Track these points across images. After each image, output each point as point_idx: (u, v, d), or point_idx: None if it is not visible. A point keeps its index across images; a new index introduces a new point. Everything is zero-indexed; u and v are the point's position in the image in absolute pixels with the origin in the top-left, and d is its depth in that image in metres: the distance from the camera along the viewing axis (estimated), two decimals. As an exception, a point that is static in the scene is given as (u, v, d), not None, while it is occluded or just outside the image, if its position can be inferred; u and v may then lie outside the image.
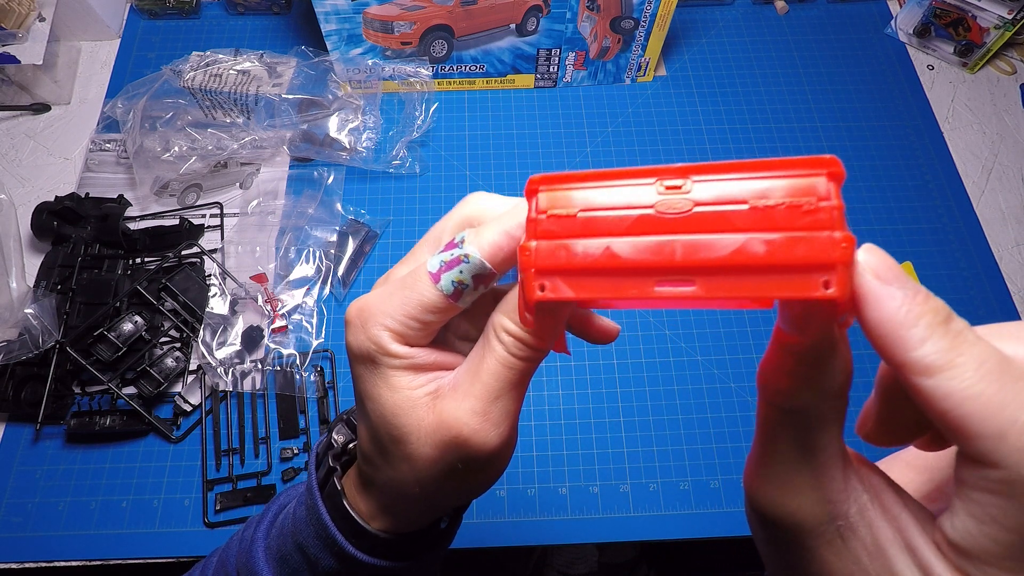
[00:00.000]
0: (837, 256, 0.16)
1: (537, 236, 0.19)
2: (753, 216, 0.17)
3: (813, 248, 0.16)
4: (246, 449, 0.59)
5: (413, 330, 0.23)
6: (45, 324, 0.58)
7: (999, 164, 0.77)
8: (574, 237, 0.19)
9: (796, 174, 0.17)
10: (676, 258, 0.17)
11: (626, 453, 0.60)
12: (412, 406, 0.24)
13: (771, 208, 0.17)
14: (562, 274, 0.19)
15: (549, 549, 0.90)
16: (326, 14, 0.68)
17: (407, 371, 0.24)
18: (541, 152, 0.76)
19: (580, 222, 0.19)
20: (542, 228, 0.19)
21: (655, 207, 0.18)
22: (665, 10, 0.71)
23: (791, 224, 0.16)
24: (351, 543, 0.28)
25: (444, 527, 0.31)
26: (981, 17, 0.78)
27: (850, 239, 0.16)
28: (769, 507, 0.19)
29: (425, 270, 0.23)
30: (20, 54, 0.71)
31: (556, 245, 0.19)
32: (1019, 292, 0.69)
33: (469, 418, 0.23)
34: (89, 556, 0.55)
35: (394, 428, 0.24)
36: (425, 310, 0.23)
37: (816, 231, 0.16)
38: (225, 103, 0.70)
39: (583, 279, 0.19)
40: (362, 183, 0.73)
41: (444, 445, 0.23)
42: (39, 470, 0.58)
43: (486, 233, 0.22)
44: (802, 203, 0.16)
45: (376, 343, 0.23)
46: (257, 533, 0.31)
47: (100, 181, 0.72)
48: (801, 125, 0.79)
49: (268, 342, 0.62)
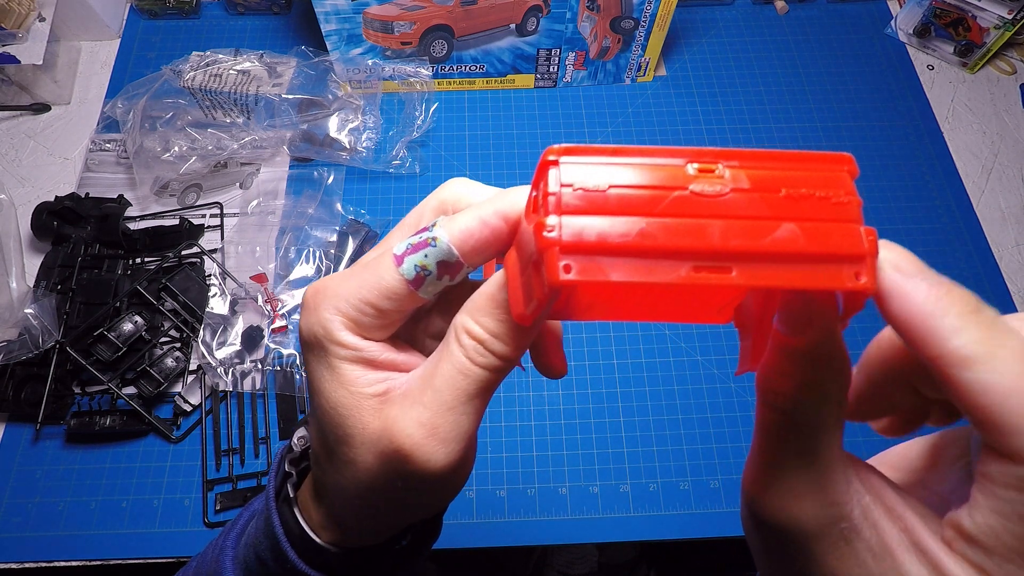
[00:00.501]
0: (867, 248, 0.16)
1: (561, 211, 0.17)
2: (787, 204, 0.17)
3: (846, 239, 0.16)
4: (246, 449, 0.59)
5: (368, 317, 0.21)
6: (45, 324, 0.58)
7: (999, 164, 0.77)
8: (604, 214, 0.17)
9: (823, 167, 0.17)
10: (715, 241, 0.16)
11: (626, 453, 0.60)
12: (357, 405, 0.21)
13: (804, 198, 0.17)
14: (591, 254, 0.17)
15: (549, 549, 0.90)
16: (326, 14, 0.68)
17: (357, 364, 0.21)
18: (541, 152, 0.76)
19: (611, 199, 0.17)
20: (567, 203, 0.17)
21: (691, 189, 0.17)
22: (665, 10, 0.71)
23: (823, 215, 0.17)
24: (302, 558, 0.25)
25: (405, 544, 0.28)
26: (981, 17, 0.78)
27: (873, 232, 0.16)
28: (771, 512, 0.19)
29: (390, 252, 0.21)
30: (20, 54, 0.71)
31: (585, 222, 0.17)
32: (1019, 292, 0.69)
33: (413, 429, 0.20)
34: (89, 556, 0.55)
35: (338, 427, 0.22)
36: (382, 295, 0.20)
37: (846, 223, 0.16)
38: (225, 103, 0.70)
39: (615, 261, 0.17)
40: (362, 183, 0.73)
41: (384, 456, 0.21)
42: (39, 470, 0.58)
43: (460, 218, 0.20)
44: (830, 195, 0.17)
45: (325, 328, 0.21)
46: (227, 541, 0.30)
47: (100, 181, 0.72)
48: (801, 125, 0.79)
49: (268, 342, 0.62)
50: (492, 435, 0.61)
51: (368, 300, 0.21)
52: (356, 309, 0.21)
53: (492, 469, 0.60)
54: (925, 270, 0.16)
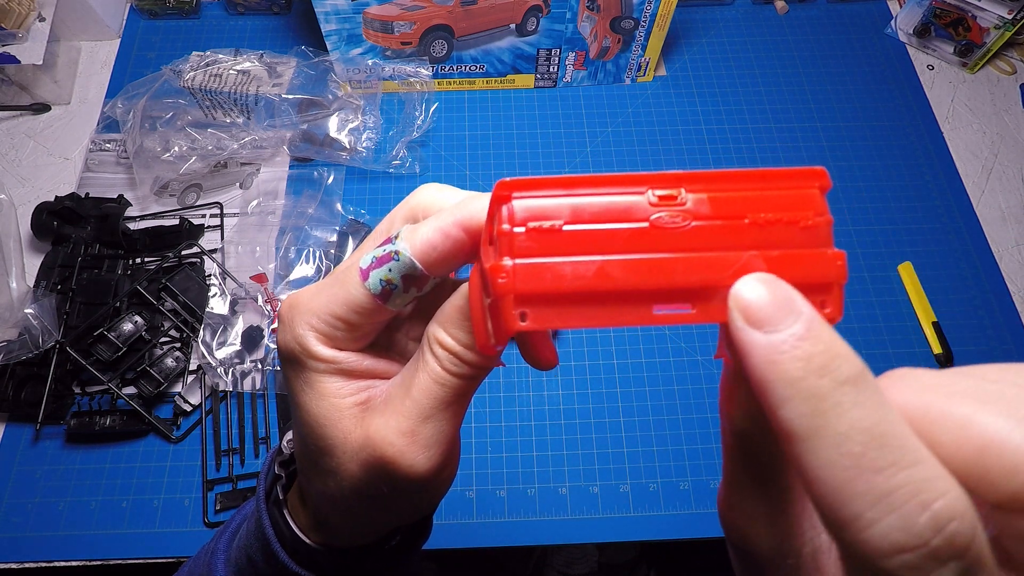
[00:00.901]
0: (833, 276, 0.15)
1: (514, 254, 0.16)
2: (752, 232, 0.16)
3: (812, 267, 0.15)
4: (246, 449, 0.59)
5: (340, 331, 0.21)
6: (45, 324, 0.58)
7: (999, 164, 0.77)
8: (559, 255, 0.16)
9: (791, 186, 0.16)
10: (676, 279, 0.16)
11: (626, 453, 0.60)
12: (339, 416, 0.21)
13: (770, 223, 0.16)
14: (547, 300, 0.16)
15: (549, 549, 0.90)
16: (326, 14, 0.68)
17: (334, 376, 0.22)
18: (541, 152, 0.76)
19: (566, 237, 0.16)
20: (520, 244, 0.16)
21: (650, 221, 0.16)
22: (665, 10, 0.71)
23: (789, 240, 0.16)
24: (293, 558, 0.26)
25: (394, 544, 0.28)
26: (981, 17, 0.78)
27: (842, 255, 0.15)
28: (730, 532, 0.18)
29: (357, 266, 0.20)
30: (20, 54, 0.71)
31: (539, 265, 0.16)
32: (1019, 292, 0.69)
33: (395, 438, 0.20)
34: (89, 556, 0.55)
35: (320, 439, 0.22)
36: (351, 310, 0.20)
37: (813, 248, 0.15)
38: (225, 103, 0.70)
39: (572, 305, 0.16)
40: (362, 183, 0.73)
41: (368, 464, 0.21)
42: (39, 470, 0.58)
43: (421, 230, 0.20)
44: (799, 218, 0.16)
45: (300, 344, 0.21)
46: (219, 544, 0.30)
47: (100, 181, 0.72)
48: (801, 125, 0.79)
49: (268, 342, 0.62)
50: (492, 435, 0.61)
51: (338, 315, 0.21)
52: (327, 324, 0.21)
53: (492, 469, 0.60)
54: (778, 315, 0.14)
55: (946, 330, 0.66)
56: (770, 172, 0.16)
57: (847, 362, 0.13)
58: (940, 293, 0.68)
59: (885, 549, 0.12)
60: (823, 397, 0.13)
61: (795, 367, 0.13)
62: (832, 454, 0.13)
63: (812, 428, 0.13)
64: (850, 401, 0.13)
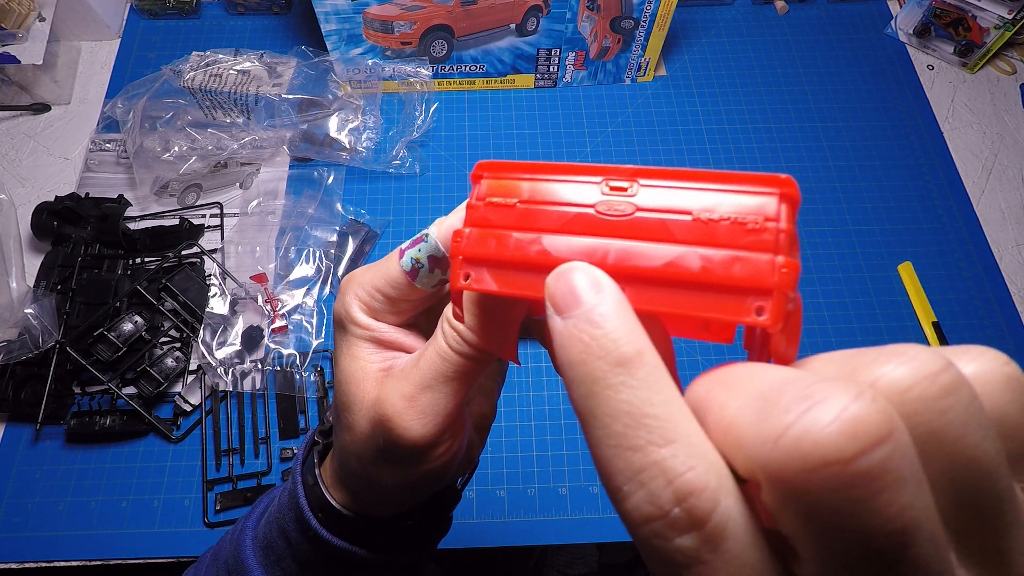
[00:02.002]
0: (774, 282, 0.15)
1: (472, 223, 0.18)
2: (695, 228, 0.16)
3: (751, 270, 0.15)
4: (246, 449, 0.59)
5: (379, 303, 0.24)
6: (45, 324, 0.58)
7: (999, 164, 0.77)
8: (509, 229, 0.18)
9: (747, 190, 0.16)
10: (608, 263, 0.16)
11: (626, 453, 0.60)
12: (364, 377, 0.24)
13: (715, 222, 0.16)
14: (489, 265, 0.18)
15: (549, 549, 0.90)
16: (326, 14, 0.68)
17: (368, 343, 0.24)
18: (541, 152, 0.76)
19: (518, 213, 0.18)
20: (478, 215, 0.18)
21: (596, 207, 0.17)
22: (665, 10, 0.71)
23: (733, 242, 0.15)
24: (317, 517, 0.28)
25: (411, 523, 0.30)
26: (981, 17, 0.78)
27: (793, 266, 0.15)
28: None
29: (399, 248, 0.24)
30: (20, 54, 0.71)
31: (488, 234, 0.18)
32: (1019, 292, 0.69)
33: (396, 399, 0.23)
34: (89, 556, 0.55)
35: (346, 395, 0.24)
36: (388, 284, 0.23)
37: (757, 252, 0.15)
38: (225, 103, 0.70)
39: (510, 273, 0.18)
40: (362, 183, 0.73)
41: (374, 422, 0.23)
42: (39, 470, 0.58)
43: (450, 217, 0.22)
44: (747, 221, 0.15)
45: (346, 309, 0.24)
46: (247, 522, 0.31)
47: (100, 181, 0.72)
48: (801, 125, 0.79)
49: (268, 342, 0.62)
50: (492, 435, 0.61)
51: (378, 287, 0.24)
52: (369, 295, 0.24)
53: (492, 469, 0.60)
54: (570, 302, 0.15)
55: (946, 330, 0.66)
56: (733, 175, 0.16)
57: (626, 344, 0.14)
58: (940, 293, 0.68)
59: (636, 519, 0.13)
60: (596, 379, 0.14)
61: (577, 349, 0.14)
62: (600, 433, 0.14)
63: (588, 408, 0.14)
64: (620, 383, 0.14)
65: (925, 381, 0.12)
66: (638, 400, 0.13)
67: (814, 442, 0.11)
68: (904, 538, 0.11)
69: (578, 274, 0.15)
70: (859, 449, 0.11)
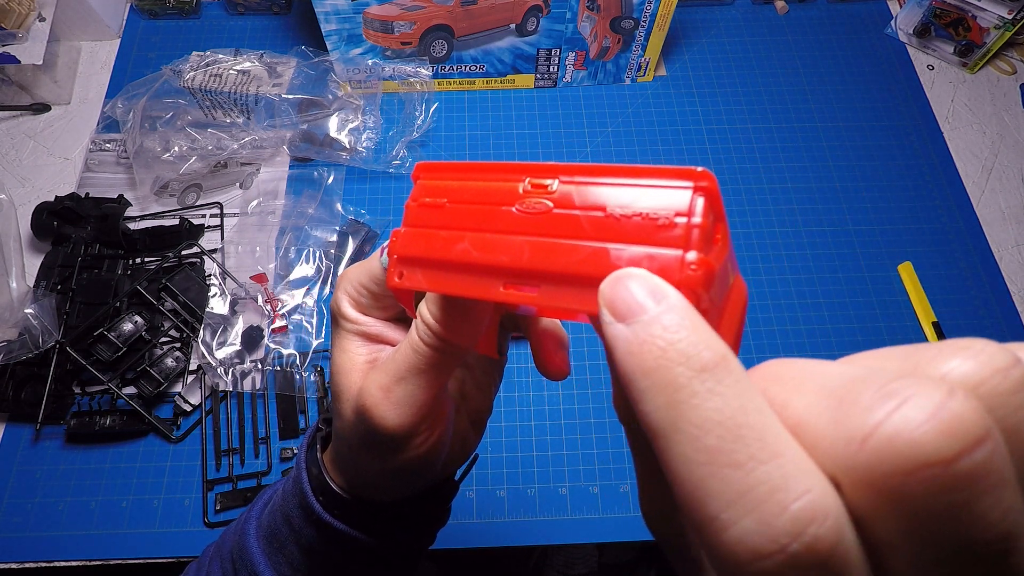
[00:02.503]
0: (678, 279, 0.14)
1: (407, 223, 0.19)
2: (607, 225, 0.16)
3: (655, 267, 0.15)
4: (246, 449, 0.59)
5: (365, 298, 0.25)
6: (45, 324, 0.58)
7: (999, 164, 0.77)
8: (438, 228, 0.18)
9: (663, 185, 0.15)
10: (523, 260, 0.16)
11: (626, 453, 0.60)
12: (352, 368, 0.25)
13: (626, 218, 0.15)
14: (421, 264, 0.19)
15: (549, 549, 0.90)
16: (326, 14, 0.68)
17: (357, 336, 0.26)
18: (541, 152, 0.76)
19: (446, 213, 0.18)
20: (412, 215, 0.19)
21: (515, 205, 0.17)
22: (665, 10, 0.71)
23: (643, 238, 0.15)
24: (318, 500, 0.29)
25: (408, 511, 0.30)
26: (981, 17, 0.78)
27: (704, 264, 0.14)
28: (650, 529, 0.18)
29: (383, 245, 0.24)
30: (20, 54, 0.71)
31: (418, 233, 0.19)
32: (1019, 292, 0.69)
33: (374, 390, 0.24)
34: (89, 556, 0.55)
35: (336, 385, 0.26)
36: (371, 280, 0.25)
37: (666, 248, 0.15)
38: (225, 103, 0.70)
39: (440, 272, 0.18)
40: (362, 183, 0.73)
41: (356, 411, 0.25)
42: (39, 470, 0.58)
43: None
44: (658, 217, 0.15)
45: (337, 305, 0.26)
46: (251, 512, 0.32)
47: (100, 181, 0.72)
48: (801, 125, 0.79)
49: (268, 342, 0.62)
50: (492, 435, 0.61)
51: (363, 284, 0.25)
52: (357, 291, 0.25)
53: (492, 469, 0.60)
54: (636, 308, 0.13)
55: (946, 330, 0.66)
56: (652, 170, 0.16)
57: (707, 349, 0.13)
58: (940, 293, 0.68)
59: (742, 556, 0.11)
60: (679, 387, 0.12)
61: (651, 356, 0.13)
62: (688, 449, 0.12)
63: (669, 421, 0.12)
64: (707, 390, 0.12)
65: (997, 376, 0.11)
66: (730, 409, 0.12)
67: (910, 442, 0.10)
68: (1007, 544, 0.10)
69: (638, 280, 0.14)
70: (960, 449, 0.10)
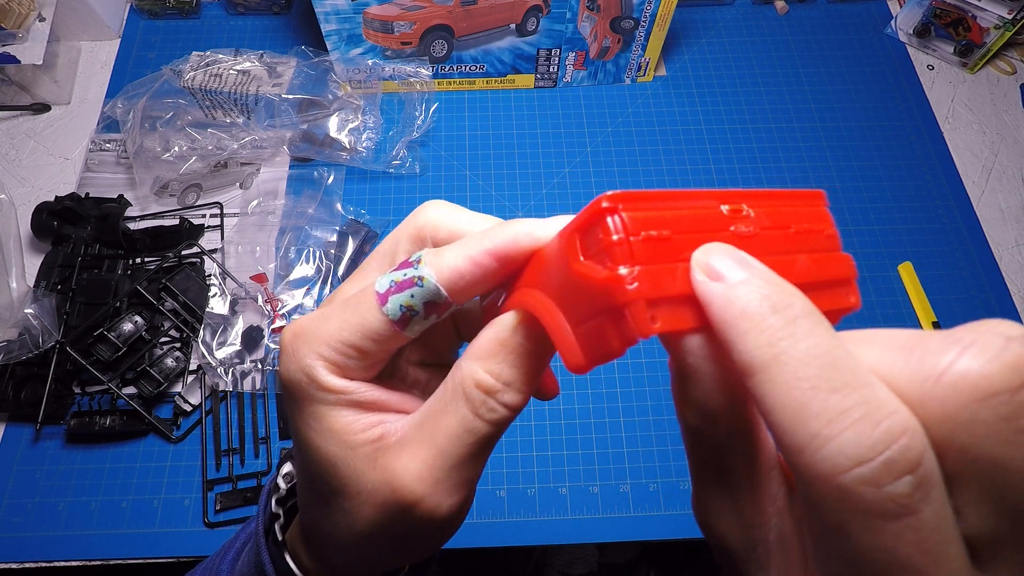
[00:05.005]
0: (853, 272, 0.18)
1: (635, 261, 0.17)
2: (797, 239, 0.18)
3: (840, 266, 0.18)
4: (246, 449, 0.59)
5: (352, 360, 0.20)
6: (45, 324, 0.58)
7: (999, 164, 0.77)
8: (670, 261, 0.17)
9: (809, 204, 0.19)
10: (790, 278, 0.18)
11: (626, 453, 0.60)
12: (351, 455, 0.20)
13: (805, 232, 0.18)
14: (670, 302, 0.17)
15: (549, 549, 0.90)
16: (326, 14, 0.68)
17: (345, 408, 0.20)
18: (541, 152, 0.76)
19: (673, 245, 0.17)
20: (637, 251, 0.17)
21: (731, 231, 0.18)
22: (665, 10, 0.71)
23: (821, 246, 0.19)
24: None
25: None
26: (981, 17, 0.78)
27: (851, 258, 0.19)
28: (704, 529, 0.18)
29: (372, 290, 0.19)
30: (20, 54, 0.71)
31: (660, 269, 0.17)
32: (1019, 292, 0.69)
33: (416, 485, 0.19)
34: (89, 556, 0.55)
35: (331, 479, 0.20)
36: (366, 337, 0.19)
37: (835, 252, 0.19)
38: (225, 103, 0.70)
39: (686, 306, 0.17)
40: (362, 183, 0.73)
41: (386, 507, 0.20)
42: (39, 470, 0.58)
43: (448, 256, 0.19)
44: (822, 228, 0.19)
45: (308, 375, 0.20)
46: (223, 564, 0.28)
47: (100, 181, 0.72)
48: (801, 125, 0.79)
49: (268, 342, 0.62)
50: (492, 435, 0.61)
51: (351, 342, 0.19)
52: (339, 352, 0.19)
53: (492, 469, 0.59)
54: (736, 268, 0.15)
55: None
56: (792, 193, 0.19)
57: (800, 300, 0.14)
58: (940, 293, 0.68)
59: (842, 463, 0.12)
60: (779, 327, 0.14)
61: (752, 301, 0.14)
62: (790, 376, 0.13)
63: (770, 355, 0.14)
64: (804, 331, 0.14)
65: None
66: (827, 345, 0.13)
67: (981, 375, 0.12)
68: None
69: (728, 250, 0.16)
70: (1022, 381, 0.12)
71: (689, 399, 0.17)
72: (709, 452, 0.17)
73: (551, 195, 0.73)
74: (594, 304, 0.17)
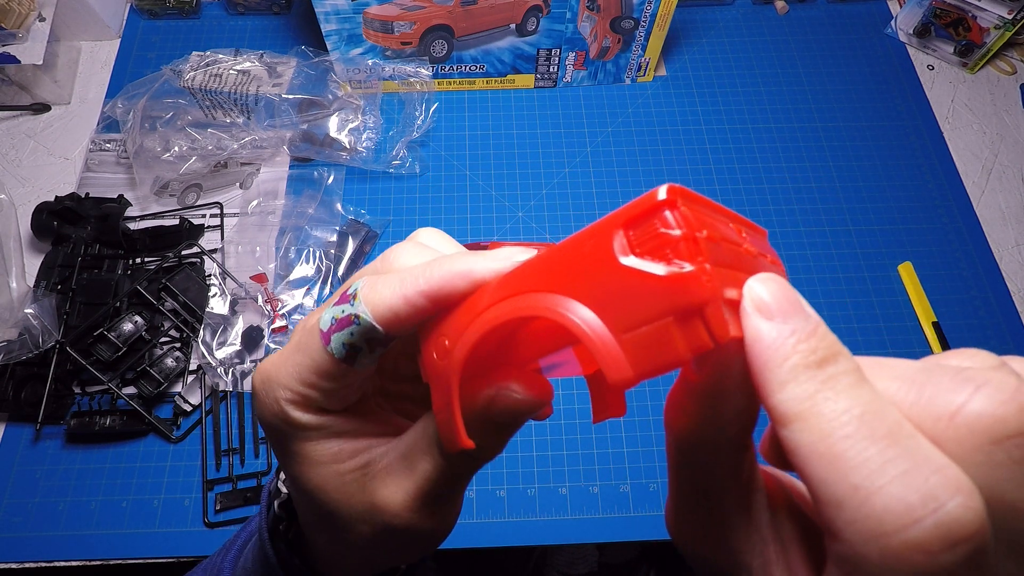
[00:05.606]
0: None
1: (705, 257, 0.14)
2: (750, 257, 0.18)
3: None
4: (246, 449, 0.59)
5: (320, 394, 0.20)
6: (45, 324, 0.58)
7: (999, 164, 0.77)
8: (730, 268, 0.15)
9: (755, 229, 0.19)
10: None
11: (626, 453, 0.60)
12: (340, 483, 0.21)
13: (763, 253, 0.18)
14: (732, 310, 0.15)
15: (549, 549, 0.90)
16: (326, 14, 0.68)
17: (328, 440, 0.21)
18: (541, 152, 0.76)
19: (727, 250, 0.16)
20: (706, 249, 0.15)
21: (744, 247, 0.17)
22: (665, 10, 0.71)
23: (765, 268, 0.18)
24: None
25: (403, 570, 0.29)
26: (981, 17, 0.78)
27: None
28: (684, 550, 0.18)
29: (317, 328, 0.19)
30: (20, 54, 0.71)
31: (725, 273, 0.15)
32: (1019, 292, 0.69)
33: (404, 512, 0.20)
34: (89, 556, 0.55)
35: (324, 504, 0.21)
36: (320, 376, 0.19)
37: None
38: (225, 103, 0.70)
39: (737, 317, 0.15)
40: (362, 183, 0.73)
41: (376, 528, 0.21)
42: (39, 470, 0.58)
43: (384, 292, 0.18)
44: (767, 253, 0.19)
45: (281, 416, 0.20)
46: (224, 562, 0.29)
47: (100, 181, 0.72)
48: (801, 125, 0.79)
49: (268, 342, 0.62)
50: (492, 435, 0.61)
51: (309, 382, 0.20)
52: (301, 393, 0.20)
53: (492, 469, 0.59)
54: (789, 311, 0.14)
55: (946, 330, 0.66)
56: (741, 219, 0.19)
57: (846, 359, 0.14)
58: (940, 293, 0.68)
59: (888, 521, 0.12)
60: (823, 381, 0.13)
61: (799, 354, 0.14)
62: (829, 426, 0.13)
63: (810, 406, 0.13)
64: (846, 385, 0.13)
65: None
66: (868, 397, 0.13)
67: (996, 418, 0.12)
68: None
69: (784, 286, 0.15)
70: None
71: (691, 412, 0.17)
72: (696, 472, 0.17)
73: (551, 195, 0.73)
74: (653, 306, 0.15)
